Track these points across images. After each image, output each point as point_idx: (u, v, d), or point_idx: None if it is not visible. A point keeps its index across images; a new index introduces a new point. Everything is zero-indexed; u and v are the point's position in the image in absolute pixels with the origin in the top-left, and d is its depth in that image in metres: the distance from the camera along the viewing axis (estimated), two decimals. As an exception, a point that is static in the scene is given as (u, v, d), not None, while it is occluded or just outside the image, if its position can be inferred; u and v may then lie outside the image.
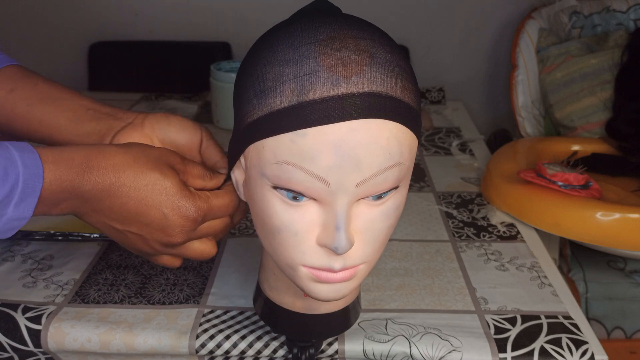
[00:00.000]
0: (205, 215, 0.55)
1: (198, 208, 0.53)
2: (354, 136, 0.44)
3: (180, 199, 0.52)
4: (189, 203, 0.53)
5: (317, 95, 0.44)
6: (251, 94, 0.47)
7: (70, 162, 0.49)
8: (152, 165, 0.52)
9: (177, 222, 0.53)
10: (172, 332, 0.70)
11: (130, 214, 0.52)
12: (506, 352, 0.68)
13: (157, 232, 0.54)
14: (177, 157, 0.56)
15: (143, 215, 0.52)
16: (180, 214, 0.53)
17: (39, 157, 0.47)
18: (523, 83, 1.48)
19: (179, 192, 0.53)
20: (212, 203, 0.55)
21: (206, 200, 0.54)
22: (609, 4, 1.49)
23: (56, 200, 0.49)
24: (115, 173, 0.51)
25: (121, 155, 0.52)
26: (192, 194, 0.54)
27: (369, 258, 0.51)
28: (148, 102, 1.51)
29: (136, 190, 0.51)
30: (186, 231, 0.54)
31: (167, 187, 0.52)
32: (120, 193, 0.51)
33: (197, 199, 0.54)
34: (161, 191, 0.52)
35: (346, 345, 0.69)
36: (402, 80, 0.46)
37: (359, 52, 0.45)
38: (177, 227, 0.53)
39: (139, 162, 0.52)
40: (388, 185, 0.47)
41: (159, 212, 0.52)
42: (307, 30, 0.46)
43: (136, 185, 0.51)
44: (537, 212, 0.96)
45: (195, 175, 0.56)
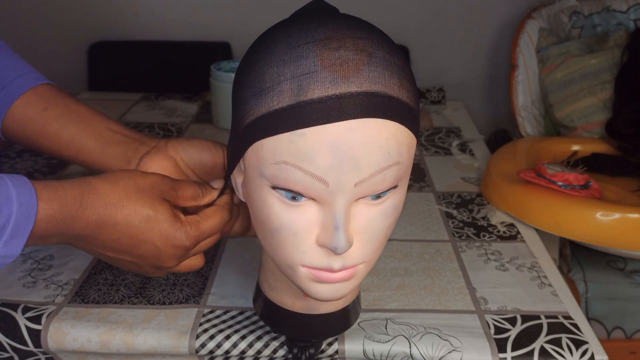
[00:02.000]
0: (197, 240, 0.56)
1: (189, 237, 0.55)
2: (353, 136, 0.44)
3: (173, 232, 0.54)
4: (181, 234, 0.54)
5: (316, 95, 0.44)
6: (249, 94, 0.47)
7: (63, 200, 0.49)
8: (144, 201, 0.53)
9: (169, 252, 0.55)
10: (172, 332, 0.70)
11: (123, 247, 0.54)
12: (506, 352, 0.68)
13: (150, 260, 0.56)
14: (168, 183, 0.56)
15: (136, 248, 0.54)
16: (173, 245, 0.54)
17: (34, 194, 0.48)
18: (523, 83, 1.48)
19: (171, 226, 0.54)
20: (203, 228, 0.56)
21: (197, 227, 0.56)
22: (609, 4, 1.49)
23: (47, 235, 0.50)
24: (108, 211, 0.51)
25: (114, 192, 0.52)
26: (182, 224, 0.55)
27: (368, 258, 0.51)
28: (148, 102, 1.51)
29: (129, 228, 0.52)
30: (178, 257, 0.56)
31: (159, 223, 0.53)
32: (113, 230, 0.52)
33: (188, 228, 0.55)
34: (153, 227, 0.53)
35: (346, 345, 0.69)
36: (400, 80, 0.46)
37: (357, 51, 0.45)
38: (170, 256, 0.55)
39: (131, 199, 0.52)
40: (387, 185, 0.47)
41: (151, 245, 0.54)
42: (304, 30, 0.46)
43: (129, 222, 0.52)
44: (537, 212, 0.96)
45: (188, 197, 0.57)
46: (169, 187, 0.56)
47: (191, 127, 1.35)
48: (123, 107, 1.46)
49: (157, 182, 0.55)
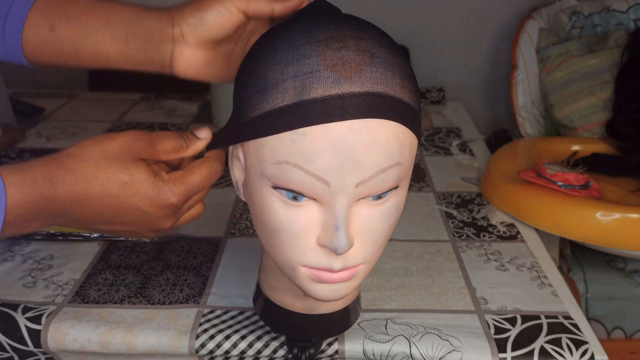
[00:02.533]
0: (187, 196, 0.52)
1: (175, 194, 0.51)
2: (354, 136, 0.44)
3: (156, 193, 0.50)
4: (165, 193, 0.51)
5: (318, 94, 0.44)
6: (251, 92, 0.47)
7: (32, 181, 0.47)
8: (116, 167, 0.49)
9: (159, 213, 0.52)
10: (172, 332, 0.70)
11: (110, 217, 0.51)
12: (506, 352, 0.68)
13: (143, 225, 0.53)
14: (142, 139, 0.51)
15: (123, 216, 0.51)
16: (160, 205, 0.51)
17: (1, 180, 0.45)
18: (523, 83, 1.48)
19: (152, 187, 0.50)
20: (190, 182, 0.52)
21: (182, 181, 0.52)
22: (609, 4, 1.49)
23: (24, 220, 0.47)
24: (81, 185, 0.48)
25: (82, 165, 0.49)
26: (165, 182, 0.51)
27: (368, 258, 0.51)
28: (148, 102, 1.51)
29: (108, 198, 0.49)
30: (171, 216, 0.53)
31: (138, 186, 0.50)
32: (92, 203, 0.49)
33: (172, 185, 0.51)
34: (133, 193, 0.50)
35: (346, 345, 0.69)
36: (402, 80, 0.46)
37: (359, 52, 0.45)
38: (162, 217, 0.52)
39: (101, 168, 0.49)
40: (388, 185, 0.47)
41: (137, 210, 0.51)
42: (307, 30, 0.46)
43: (106, 193, 0.49)
44: (537, 212, 0.96)
45: (168, 150, 0.53)
46: (144, 144, 0.51)
47: (191, 127, 1.35)
48: (123, 107, 1.46)
49: (127, 143, 0.50)
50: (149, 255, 0.86)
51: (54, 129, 1.32)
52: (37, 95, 1.52)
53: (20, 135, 1.24)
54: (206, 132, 0.55)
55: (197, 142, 0.55)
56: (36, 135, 1.28)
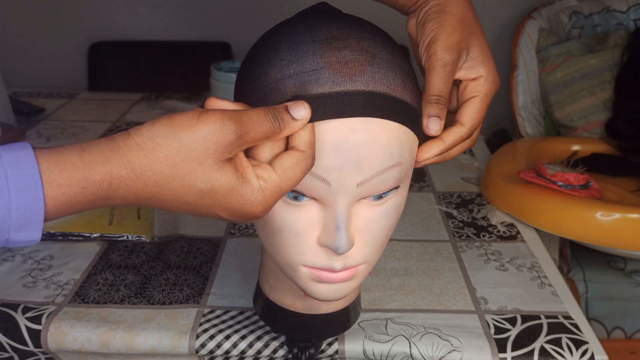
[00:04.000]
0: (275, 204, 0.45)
1: (264, 206, 0.43)
2: (355, 136, 0.44)
3: (240, 205, 0.42)
4: (251, 206, 0.42)
5: (319, 92, 0.44)
6: (253, 91, 0.47)
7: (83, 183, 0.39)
8: (196, 173, 0.40)
9: (242, 221, 0.44)
10: (172, 332, 0.70)
11: (187, 212, 0.43)
12: (506, 352, 0.68)
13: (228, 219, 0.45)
14: (232, 131, 0.40)
15: (200, 216, 0.44)
16: (244, 217, 0.43)
17: (38, 176, 0.37)
18: (523, 83, 1.48)
19: (236, 199, 0.42)
20: (283, 188, 0.43)
21: (275, 190, 0.43)
22: (609, 4, 1.50)
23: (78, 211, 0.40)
24: (150, 190, 0.40)
25: (153, 168, 0.40)
26: (253, 191, 0.42)
27: (369, 258, 0.51)
28: (148, 102, 1.51)
29: (183, 204, 0.42)
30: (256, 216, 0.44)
31: (219, 197, 0.42)
32: (162, 203, 0.42)
33: (260, 196, 0.42)
34: (214, 203, 0.42)
35: (346, 345, 0.69)
36: (403, 81, 0.46)
37: (361, 52, 0.45)
38: (245, 221, 0.45)
39: (177, 172, 0.40)
40: (389, 185, 0.47)
41: (216, 216, 0.44)
42: (308, 29, 0.46)
43: (180, 200, 0.42)
44: (537, 212, 0.96)
45: (260, 136, 0.42)
46: (232, 138, 0.41)
47: (191, 127, 1.35)
48: (123, 107, 1.46)
49: (212, 138, 0.40)
50: (149, 255, 0.86)
51: (54, 129, 1.32)
52: (37, 95, 1.52)
53: (20, 135, 1.24)
54: (305, 110, 0.43)
55: (292, 123, 0.43)
56: (36, 135, 1.28)
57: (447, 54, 0.51)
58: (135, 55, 1.76)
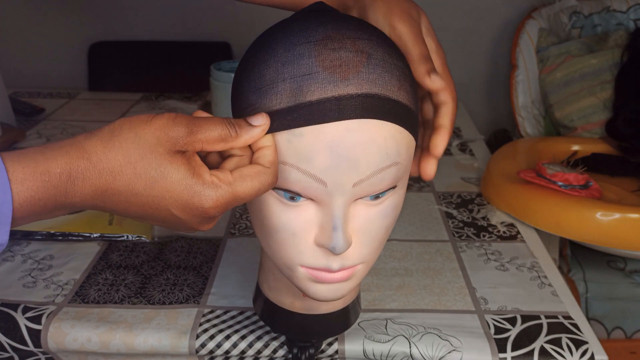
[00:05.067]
0: (227, 208, 0.44)
1: (216, 204, 0.43)
2: (351, 136, 0.44)
3: (190, 197, 0.43)
4: (201, 200, 0.43)
5: (315, 97, 0.44)
6: (248, 93, 0.47)
7: (45, 177, 0.40)
8: (147, 160, 0.42)
9: (192, 220, 0.44)
10: (172, 332, 0.70)
11: (138, 214, 0.44)
12: (506, 352, 0.68)
13: (177, 226, 0.46)
14: (182, 124, 0.43)
15: (153, 216, 0.44)
16: (194, 213, 0.43)
17: (5, 175, 0.39)
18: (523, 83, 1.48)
19: (186, 190, 0.42)
20: (238, 193, 0.44)
21: (227, 190, 0.43)
22: (609, 4, 1.49)
23: (40, 214, 0.42)
24: (104, 179, 0.42)
25: (108, 156, 0.42)
26: (205, 185, 0.43)
27: (367, 258, 0.51)
28: (148, 102, 1.51)
29: (134, 196, 0.42)
30: (207, 222, 0.45)
31: (169, 186, 0.42)
32: (117, 199, 0.43)
33: (213, 191, 0.43)
34: (163, 194, 0.42)
35: (346, 345, 0.69)
36: (399, 81, 0.46)
37: (356, 52, 0.45)
38: (196, 224, 0.45)
39: (130, 160, 0.42)
40: (385, 185, 0.47)
41: (168, 213, 0.44)
42: (304, 30, 0.46)
43: (132, 190, 0.42)
44: (537, 212, 0.96)
45: (213, 139, 0.44)
46: (182, 131, 0.43)
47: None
48: (123, 107, 1.46)
49: (164, 129, 0.42)
50: (149, 255, 0.86)
51: (54, 129, 1.32)
52: (37, 95, 1.52)
53: (20, 135, 1.24)
54: (262, 118, 0.45)
55: (250, 130, 0.45)
56: (36, 135, 1.28)
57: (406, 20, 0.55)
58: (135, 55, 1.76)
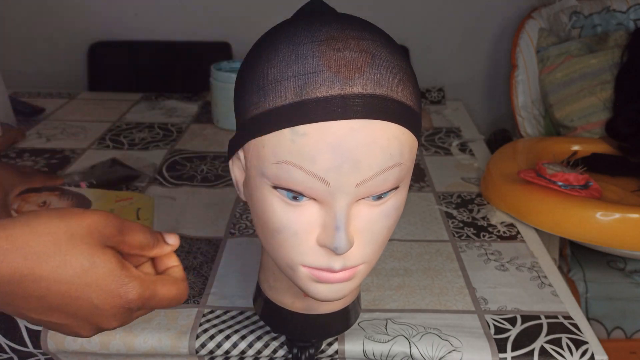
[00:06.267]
0: (144, 303, 0.45)
1: (140, 296, 0.44)
2: (354, 137, 0.44)
3: (117, 288, 0.43)
4: (127, 290, 0.43)
5: (321, 94, 0.44)
6: (252, 91, 0.47)
7: None
8: (79, 250, 0.41)
9: (110, 311, 0.44)
10: (172, 332, 0.70)
11: (51, 305, 0.42)
12: (506, 352, 0.68)
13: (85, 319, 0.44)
14: (115, 225, 0.44)
15: (67, 307, 0.42)
16: (115, 303, 0.43)
17: None
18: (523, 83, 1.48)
19: (115, 280, 0.43)
20: (158, 291, 0.46)
21: (152, 287, 0.45)
22: (609, 4, 1.50)
23: None
24: (29, 263, 0.40)
25: (37, 241, 0.40)
26: (132, 278, 0.44)
27: (368, 258, 0.51)
28: (148, 102, 1.51)
29: (58, 283, 0.41)
30: (120, 318, 0.45)
31: (99, 277, 0.42)
32: (36, 286, 0.40)
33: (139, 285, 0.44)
34: (90, 282, 0.42)
35: (346, 345, 0.69)
36: (402, 82, 0.46)
37: (361, 53, 0.45)
38: (110, 316, 0.44)
39: (61, 248, 0.41)
40: (388, 186, 0.47)
41: (87, 303, 0.42)
42: (308, 29, 0.46)
43: (58, 277, 0.41)
44: (537, 212, 0.96)
45: (135, 244, 0.46)
46: (114, 230, 0.44)
47: (191, 127, 1.35)
48: (123, 107, 1.46)
49: (98, 224, 0.43)
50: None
51: (54, 129, 1.32)
52: (37, 95, 1.52)
53: (20, 135, 1.24)
54: (174, 239, 0.50)
55: (163, 245, 0.49)
56: (36, 135, 1.28)
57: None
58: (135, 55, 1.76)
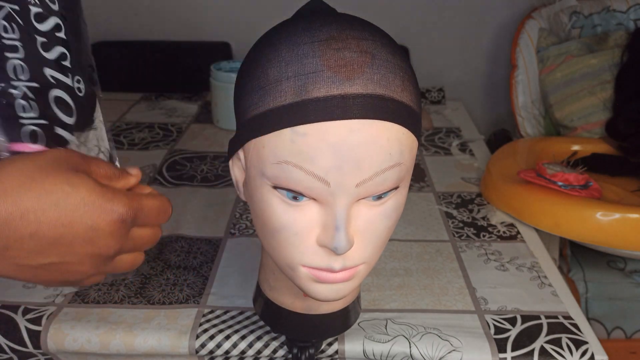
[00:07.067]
0: (136, 216, 0.45)
1: (128, 206, 0.44)
2: (354, 136, 0.44)
3: (105, 202, 0.43)
4: (117, 204, 0.43)
5: (321, 93, 0.44)
6: (252, 91, 0.47)
7: None
8: (54, 177, 0.41)
9: (107, 229, 0.43)
10: (172, 332, 0.70)
11: (48, 240, 0.41)
12: (506, 352, 0.68)
13: (84, 250, 0.44)
14: (77, 154, 0.45)
15: (62, 238, 0.42)
16: (109, 219, 0.43)
17: None
18: (523, 83, 1.48)
19: (101, 197, 0.43)
20: (144, 203, 0.46)
21: (138, 199, 0.45)
22: (609, 4, 1.49)
23: None
24: (11, 199, 0.39)
25: (10, 177, 0.40)
26: (115, 192, 0.44)
27: (368, 258, 0.51)
28: (148, 102, 1.51)
29: (46, 212, 0.40)
30: (118, 237, 0.45)
31: (84, 194, 0.42)
32: (26, 222, 0.40)
33: (124, 197, 0.44)
34: (78, 203, 0.41)
35: (346, 345, 0.69)
36: (403, 82, 0.46)
37: (361, 53, 0.45)
38: (108, 236, 0.44)
39: (35, 179, 0.40)
40: (388, 186, 0.47)
41: (82, 226, 0.42)
42: (308, 29, 0.46)
43: (44, 206, 0.40)
44: (537, 212, 0.96)
45: (101, 174, 0.46)
46: (78, 158, 0.44)
47: (191, 127, 1.35)
48: (123, 107, 1.46)
49: (61, 154, 0.44)
50: (149, 255, 0.86)
51: (54, 129, 1.32)
52: (37, 96, 1.52)
53: (20, 136, 1.24)
54: (136, 170, 0.50)
55: (128, 176, 0.49)
56: (36, 136, 1.27)
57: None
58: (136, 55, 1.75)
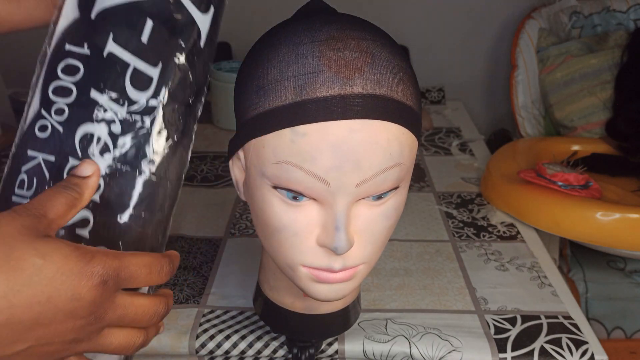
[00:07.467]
0: (118, 274, 0.38)
1: (107, 265, 0.38)
2: (354, 137, 0.44)
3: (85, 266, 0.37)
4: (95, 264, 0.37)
5: (321, 94, 0.44)
6: (252, 91, 0.47)
7: None
8: (19, 249, 0.35)
9: (87, 296, 0.37)
10: (172, 332, 0.70)
11: (24, 325, 0.36)
12: (506, 352, 0.68)
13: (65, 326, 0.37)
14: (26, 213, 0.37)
15: (42, 316, 0.36)
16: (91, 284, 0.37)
17: None
18: (523, 83, 1.48)
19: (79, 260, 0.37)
20: (127, 261, 0.39)
21: (119, 255, 0.39)
22: (609, 4, 1.49)
23: None
24: None
25: None
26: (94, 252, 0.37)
27: (368, 258, 0.51)
28: (148, 102, 1.51)
29: (18, 293, 0.35)
30: (100, 303, 0.38)
31: (59, 266, 0.36)
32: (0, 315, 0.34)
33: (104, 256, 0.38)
34: (54, 275, 0.36)
35: (346, 345, 0.69)
36: (403, 82, 0.46)
37: (361, 53, 0.45)
38: (91, 305, 0.37)
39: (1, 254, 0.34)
40: (388, 186, 0.47)
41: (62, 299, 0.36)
42: (308, 29, 0.46)
43: (14, 287, 0.35)
44: (537, 212, 0.96)
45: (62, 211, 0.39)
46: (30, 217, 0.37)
47: (191, 127, 1.35)
48: (123, 107, 1.46)
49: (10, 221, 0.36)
50: (149, 255, 0.86)
51: (54, 129, 1.32)
52: (37, 95, 1.52)
53: (20, 135, 1.24)
54: (89, 165, 0.42)
55: (85, 182, 0.41)
56: (36, 135, 1.27)
57: None
58: (135, 55, 1.75)
